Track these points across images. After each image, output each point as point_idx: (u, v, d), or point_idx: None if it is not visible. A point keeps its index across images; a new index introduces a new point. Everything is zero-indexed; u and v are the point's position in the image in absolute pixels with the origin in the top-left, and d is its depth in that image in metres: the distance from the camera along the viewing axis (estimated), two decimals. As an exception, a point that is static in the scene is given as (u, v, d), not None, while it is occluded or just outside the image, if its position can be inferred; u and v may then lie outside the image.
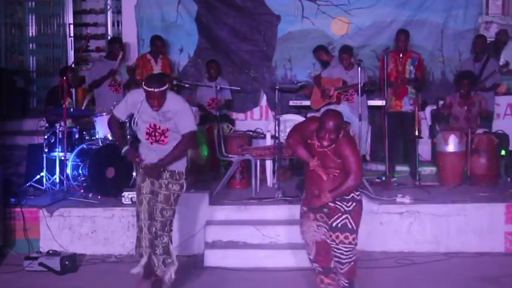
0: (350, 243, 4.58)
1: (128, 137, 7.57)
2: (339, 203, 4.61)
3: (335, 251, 4.64)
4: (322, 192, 4.54)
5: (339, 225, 4.58)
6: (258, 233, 6.37)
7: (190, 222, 6.53)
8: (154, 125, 5.01)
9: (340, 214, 4.61)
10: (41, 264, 6.07)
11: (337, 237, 4.59)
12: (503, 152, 7.85)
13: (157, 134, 5.02)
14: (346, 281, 4.78)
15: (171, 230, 5.11)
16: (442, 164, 7.65)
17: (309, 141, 4.63)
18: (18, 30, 11.20)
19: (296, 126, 4.81)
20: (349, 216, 4.59)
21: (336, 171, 4.54)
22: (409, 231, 6.58)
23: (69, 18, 10.89)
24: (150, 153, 5.06)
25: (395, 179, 7.82)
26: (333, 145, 4.52)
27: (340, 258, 4.67)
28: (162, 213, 5.01)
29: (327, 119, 4.46)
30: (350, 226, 4.57)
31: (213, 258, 6.21)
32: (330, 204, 4.62)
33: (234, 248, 6.34)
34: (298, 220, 4.79)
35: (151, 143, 5.04)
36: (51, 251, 6.27)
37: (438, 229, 6.57)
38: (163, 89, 4.87)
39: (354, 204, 4.64)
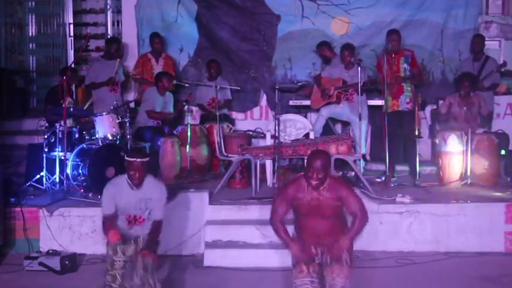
0: (346, 276, 4.51)
1: (128, 136, 7.59)
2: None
3: (329, 282, 4.55)
4: (341, 240, 4.48)
5: (333, 259, 4.52)
6: (258, 232, 6.37)
7: (190, 222, 6.53)
8: (135, 216, 5.02)
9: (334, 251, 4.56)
10: (41, 264, 6.08)
11: (333, 271, 4.50)
12: (503, 152, 7.84)
13: (137, 222, 5.04)
14: None
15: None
16: (442, 163, 7.65)
17: (295, 203, 4.54)
18: (18, 30, 11.20)
19: (274, 207, 4.67)
20: (344, 251, 4.56)
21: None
22: (409, 231, 6.59)
23: (69, 18, 10.89)
24: (129, 233, 5.05)
25: (395, 178, 7.82)
26: (323, 187, 4.47)
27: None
28: (142, 280, 4.82)
29: (314, 158, 4.43)
30: (345, 260, 4.53)
31: (213, 258, 6.21)
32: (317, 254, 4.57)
33: (234, 247, 6.34)
34: (291, 268, 4.67)
35: (131, 227, 5.04)
36: (51, 251, 6.28)
37: (438, 229, 6.57)
38: (144, 160, 4.94)
39: (347, 241, 4.59)
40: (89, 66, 9.39)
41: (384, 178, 7.64)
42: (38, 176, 7.49)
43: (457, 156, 7.54)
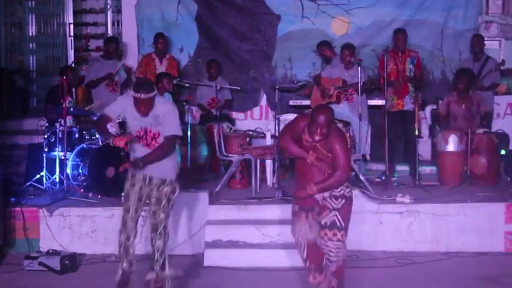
0: (338, 240, 4.59)
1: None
2: (328, 200, 4.62)
3: (324, 248, 4.66)
4: (308, 184, 4.54)
5: (328, 222, 4.60)
6: (258, 232, 6.37)
7: (190, 222, 6.54)
8: (145, 129, 4.98)
9: (328, 211, 4.63)
10: (41, 263, 6.08)
11: (326, 234, 4.61)
12: (503, 152, 7.84)
13: (148, 137, 4.99)
14: (336, 281, 4.77)
15: (165, 235, 5.01)
16: (442, 163, 7.65)
17: (300, 138, 4.65)
18: (18, 29, 11.20)
19: (286, 127, 4.85)
20: (337, 214, 4.60)
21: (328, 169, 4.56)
22: (409, 231, 6.59)
23: (69, 18, 10.89)
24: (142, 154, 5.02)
25: (395, 178, 7.82)
26: (324, 140, 4.53)
27: (329, 255, 4.68)
28: (154, 216, 4.95)
29: (319, 113, 4.50)
30: (338, 223, 4.59)
31: (213, 258, 6.21)
32: (320, 202, 4.63)
33: (234, 247, 6.34)
34: (290, 218, 4.79)
35: (143, 145, 5.01)
36: (51, 251, 6.28)
37: (438, 229, 6.57)
38: (150, 95, 4.84)
39: (344, 201, 4.66)
40: (88, 66, 9.39)
41: (384, 178, 7.65)
42: (38, 176, 7.49)
43: (457, 156, 7.54)
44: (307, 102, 8.74)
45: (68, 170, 7.21)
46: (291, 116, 8.10)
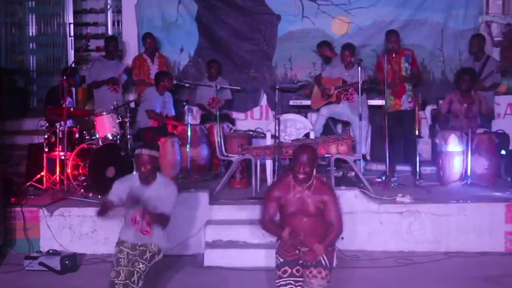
0: (322, 278, 4.52)
1: (128, 136, 7.60)
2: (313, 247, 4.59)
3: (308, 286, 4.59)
4: (314, 246, 4.48)
5: (313, 262, 4.55)
6: (258, 232, 6.36)
7: (190, 222, 6.53)
8: (144, 209, 4.87)
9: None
10: (41, 263, 6.08)
11: (310, 272, 4.51)
12: (503, 152, 7.84)
13: (143, 225, 4.87)
14: None
15: (138, 283, 4.84)
16: (442, 163, 7.65)
17: (282, 201, 4.56)
18: (19, 29, 11.21)
19: (261, 210, 4.73)
20: (323, 255, 4.57)
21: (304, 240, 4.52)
22: (409, 231, 6.59)
23: (69, 18, 10.91)
24: (129, 233, 4.95)
25: (395, 178, 7.82)
26: (310, 183, 4.49)
27: None
28: (134, 265, 4.83)
29: (301, 153, 4.49)
30: (324, 262, 4.54)
31: (213, 258, 6.21)
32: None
33: (234, 247, 6.34)
34: (274, 270, 4.67)
35: (136, 230, 4.92)
36: (51, 251, 6.28)
37: (438, 229, 6.57)
38: (153, 154, 4.88)
39: (321, 247, 4.56)
40: (90, 66, 9.39)
41: (384, 178, 7.65)
42: (38, 176, 7.49)
43: (457, 156, 7.54)
44: (307, 102, 8.74)
45: (68, 170, 7.21)
46: (291, 116, 8.16)
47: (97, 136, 7.46)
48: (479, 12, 9.29)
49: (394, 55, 8.08)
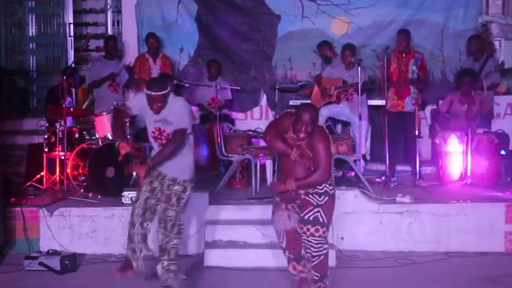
0: (320, 236, 4.64)
1: (128, 136, 7.59)
2: (312, 196, 4.68)
3: (305, 243, 4.73)
4: (288, 179, 4.60)
5: (310, 218, 4.65)
6: (258, 232, 6.37)
7: (190, 222, 6.52)
8: (159, 129, 5.02)
9: (312, 207, 4.68)
10: (41, 263, 6.08)
11: (308, 229, 4.65)
12: (503, 152, 7.84)
13: (163, 137, 5.03)
14: (317, 274, 4.83)
15: (178, 233, 5.02)
16: (442, 163, 7.65)
17: (285, 135, 4.71)
18: (18, 29, 11.21)
19: (271, 124, 4.96)
20: (320, 210, 4.65)
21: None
22: (409, 231, 6.59)
23: (69, 18, 10.91)
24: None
25: (395, 178, 7.82)
26: (308, 138, 4.57)
27: (311, 250, 4.73)
28: (165, 213, 4.99)
29: (303, 111, 4.57)
30: (321, 219, 4.63)
31: (213, 258, 6.21)
32: (302, 196, 4.70)
33: (234, 247, 6.34)
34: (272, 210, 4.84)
35: (159, 146, 5.05)
36: (51, 251, 6.28)
37: (438, 229, 6.57)
38: (163, 93, 4.86)
39: (327, 198, 4.71)
40: (90, 66, 9.39)
41: (384, 178, 7.65)
42: (38, 176, 7.49)
43: (457, 156, 7.53)
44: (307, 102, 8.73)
45: (68, 170, 7.21)
46: (291, 116, 8.16)
47: (97, 136, 7.46)
48: (479, 12, 9.28)
49: (403, 55, 8.08)
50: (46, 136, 7.49)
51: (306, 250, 4.76)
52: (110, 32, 10.79)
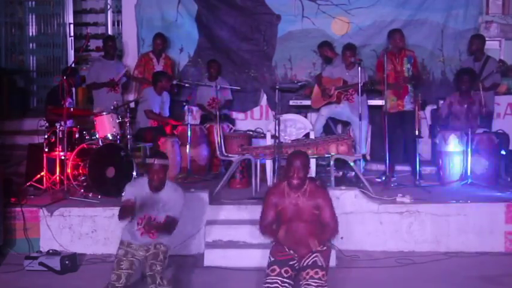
0: (320, 279, 4.56)
1: (128, 136, 7.59)
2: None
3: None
4: (310, 240, 4.61)
5: (309, 262, 4.62)
6: (258, 232, 6.34)
7: (190, 222, 6.53)
8: (150, 217, 4.98)
9: (310, 254, 4.65)
10: (41, 263, 6.08)
11: (307, 273, 4.59)
12: (503, 152, 7.84)
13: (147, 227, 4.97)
14: None
15: (163, 285, 4.93)
16: (442, 163, 7.65)
17: (279, 208, 4.71)
18: (19, 29, 11.21)
19: (261, 214, 4.91)
20: (319, 255, 4.65)
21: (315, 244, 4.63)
22: (409, 231, 6.59)
23: (69, 18, 10.91)
24: (136, 234, 5.02)
25: (395, 178, 7.82)
26: (303, 189, 4.62)
27: None
28: (151, 268, 4.93)
29: (293, 158, 4.65)
30: (320, 263, 4.63)
31: (213, 258, 6.21)
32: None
33: (234, 247, 6.34)
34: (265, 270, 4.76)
35: (141, 233, 5.01)
36: (51, 251, 6.28)
37: (438, 229, 6.57)
38: (164, 163, 4.95)
39: (325, 248, 4.71)
40: (89, 66, 9.38)
41: (384, 178, 7.65)
42: (38, 176, 7.49)
43: (457, 156, 7.54)
44: (307, 102, 8.75)
45: (68, 170, 7.21)
46: (291, 116, 8.16)
47: (97, 136, 7.46)
48: (479, 12, 9.29)
49: (396, 55, 8.08)
50: (46, 136, 7.49)
51: None
52: (110, 32, 10.79)
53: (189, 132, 7.93)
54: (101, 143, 7.35)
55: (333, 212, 4.71)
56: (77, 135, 7.57)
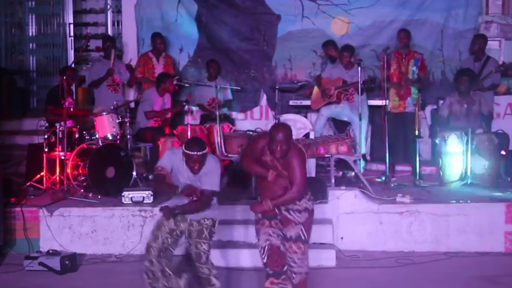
0: (303, 253, 4.69)
1: (128, 136, 7.59)
2: (293, 213, 4.70)
3: (288, 260, 4.72)
4: (265, 199, 4.63)
5: (293, 235, 4.69)
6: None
7: (190, 222, 6.52)
8: (189, 185, 4.90)
9: (293, 224, 4.70)
10: (41, 263, 6.08)
11: (290, 246, 4.69)
12: (503, 152, 7.83)
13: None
14: None
15: (209, 264, 4.98)
16: (442, 163, 7.65)
17: (262, 157, 4.69)
18: (18, 29, 11.21)
19: (245, 148, 4.95)
20: (302, 227, 4.69)
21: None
22: (409, 231, 6.59)
23: (69, 18, 10.91)
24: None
25: (395, 178, 7.81)
26: (285, 157, 4.57)
27: (292, 267, 4.73)
28: (196, 246, 4.93)
29: (277, 131, 4.57)
30: (303, 237, 4.69)
31: (213, 258, 6.18)
32: (283, 213, 4.71)
33: (234, 247, 6.34)
34: (254, 226, 4.82)
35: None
36: (51, 251, 6.28)
37: (438, 229, 6.57)
38: (203, 152, 4.81)
39: (307, 214, 4.72)
40: (90, 67, 9.37)
41: (384, 178, 7.65)
42: (38, 176, 7.49)
43: (457, 156, 7.53)
44: (307, 102, 8.74)
45: (68, 170, 7.21)
46: (291, 116, 8.17)
47: (97, 136, 7.46)
48: (479, 12, 9.28)
49: (403, 56, 8.08)
50: (46, 136, 7.49)
51: (288, 267, 4.73)
52: (110, 32, 10.78)
53: (189, 132, 7.92)
54: (100, 143, 7.34)
55: (301, 174, 4.59)
56: (76, 135, 7.57)
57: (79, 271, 6.16)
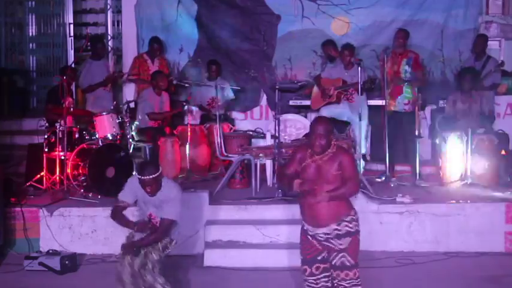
0: (351, 279, 4.55)
1: (128, 136, 7.59)
2: (333, 241, 4.52)
3: (338, 286, 4.59)
4: (319, 191, 4.46)
5: (337, 263, 4.54)
6: (258, 232, 6.37)
7: (190, 222, 6.52)
8: (150, 214, 4.96)
9: (336, 253, 4.54)
10: (41, 263, 6.08)
11: (338, 275, 4.54)
12: (503, 152, 7.83)
13: (151, 222, 4.96)
14: None
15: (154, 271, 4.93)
16: (442, 164, 7.65)
17: (303, 164, 4.59)
18: (18, 29, 11.21)
19: (285, 164, 4.84)
20: (345, 254, 4.52)
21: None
22: (409, 231, 6.59)
23: (69, 18, 10.91)
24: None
25: (395, 178, 7.82)
26: (326, 152, 4.50)
27: None
28: (146, 255, 4.91)
29: (316, 124, 4.52)
30: (348, 263, 4.52)
31: (213, 258, 6.21)
32: (323, 243, 4.54)
33: (234, 247, 6.34)
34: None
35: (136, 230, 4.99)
36: (51, 251, 6.29)
37: (438, 229, 6.57)
38: (155, 176, 4.76)
39: (350, 239, 4.54)
40: (81, 69, 9.26)
41: (384, 178, 7.64)
42: (38, 176, 7.49)
43: (457, 156, 7.53)
44: (307, 102, 8.73)
45: (68, 170, 7.21)
46: (291, 116, 8.17)
47: (97, 136, 7.46)
48: (479, 12, 9.29)
49: (397, 55, 8.09)
50: (46, 136, 7.50)
51: None
52: (110, 32, 10.78)
53: (189, 132, 7.93)
54: (100, 143, 7.35)
55: (354, 171, 4.52)
56: (76, 135, 7.58)
57: (79, 271, 6.17)
